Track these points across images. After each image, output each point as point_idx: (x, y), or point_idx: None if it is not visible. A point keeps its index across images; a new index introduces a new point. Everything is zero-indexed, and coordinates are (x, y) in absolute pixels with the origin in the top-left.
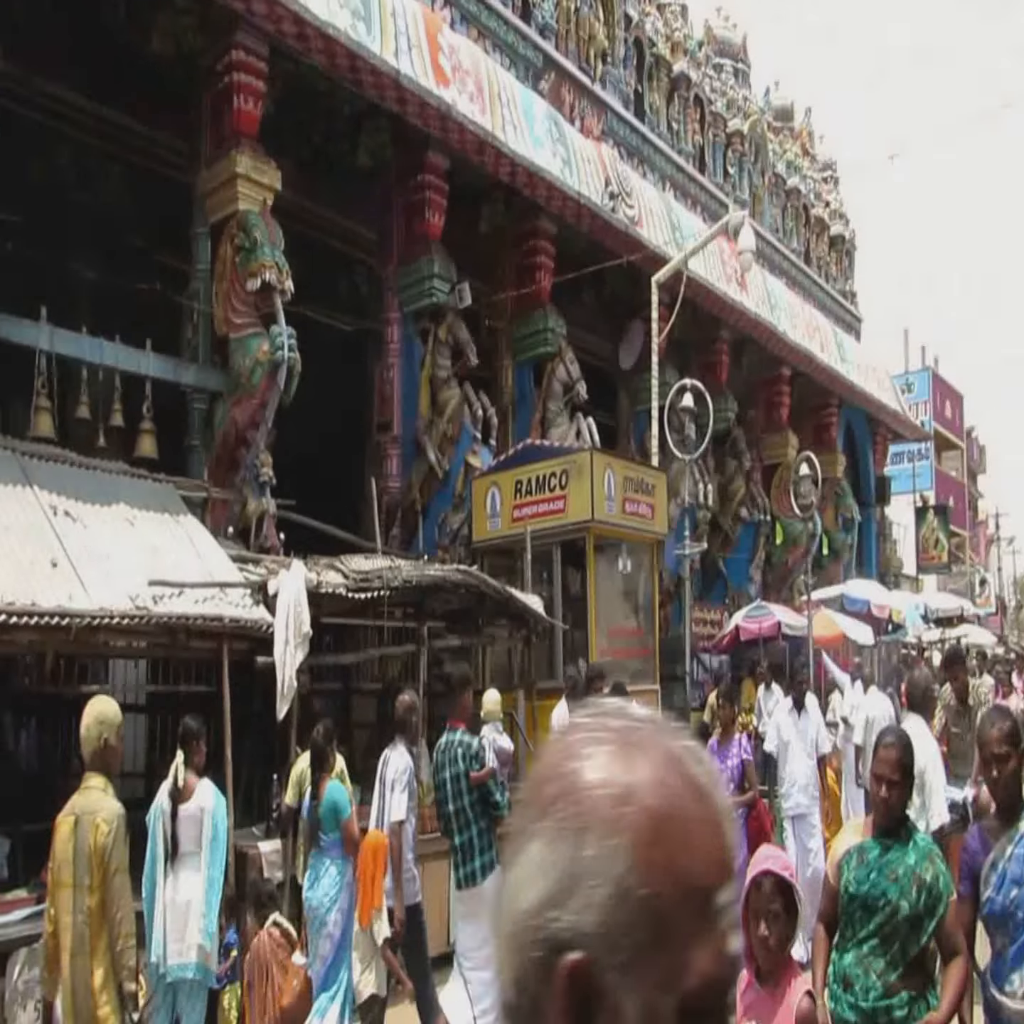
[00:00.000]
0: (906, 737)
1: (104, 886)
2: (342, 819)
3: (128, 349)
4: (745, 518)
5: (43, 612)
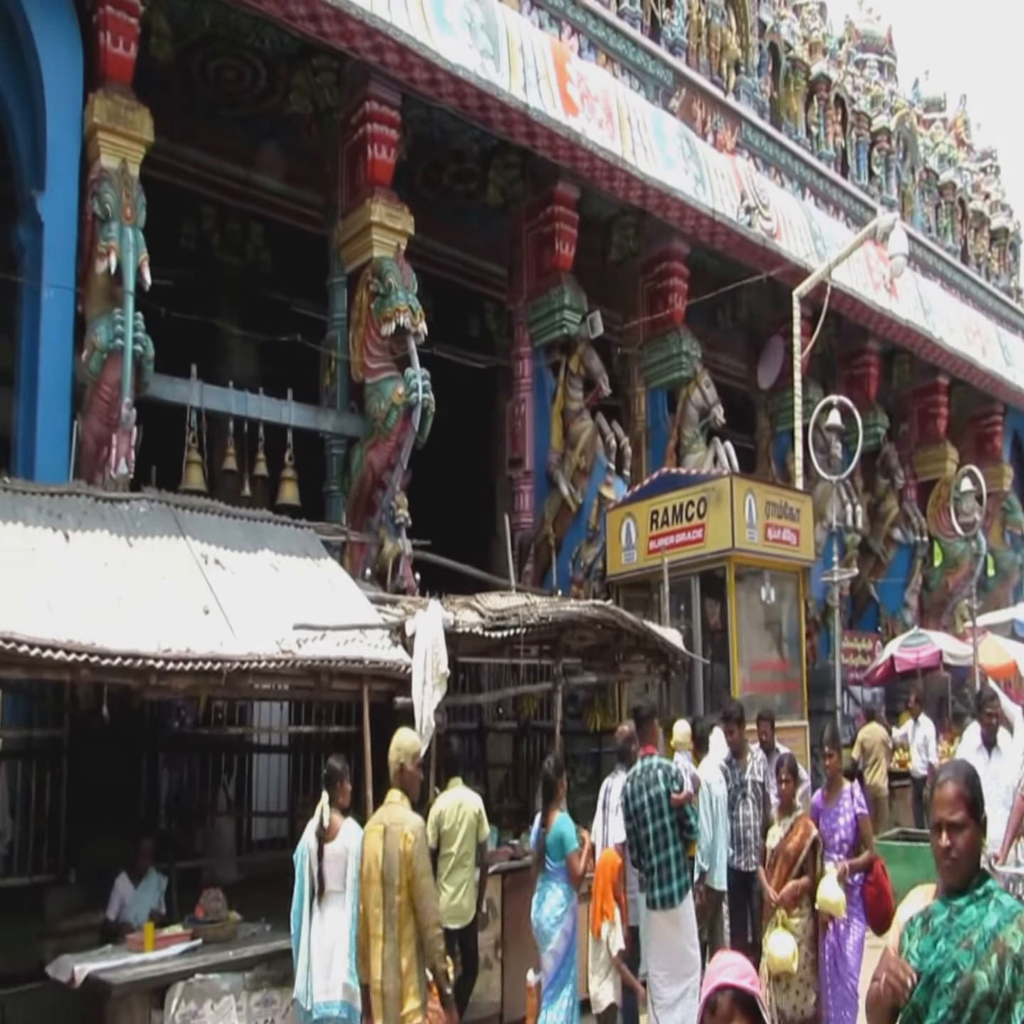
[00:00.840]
0: (967, 768)
1: (412, 886)
2: (567, 851)
3: (271, 400)
4: (899, 540)
5: (197, 658)
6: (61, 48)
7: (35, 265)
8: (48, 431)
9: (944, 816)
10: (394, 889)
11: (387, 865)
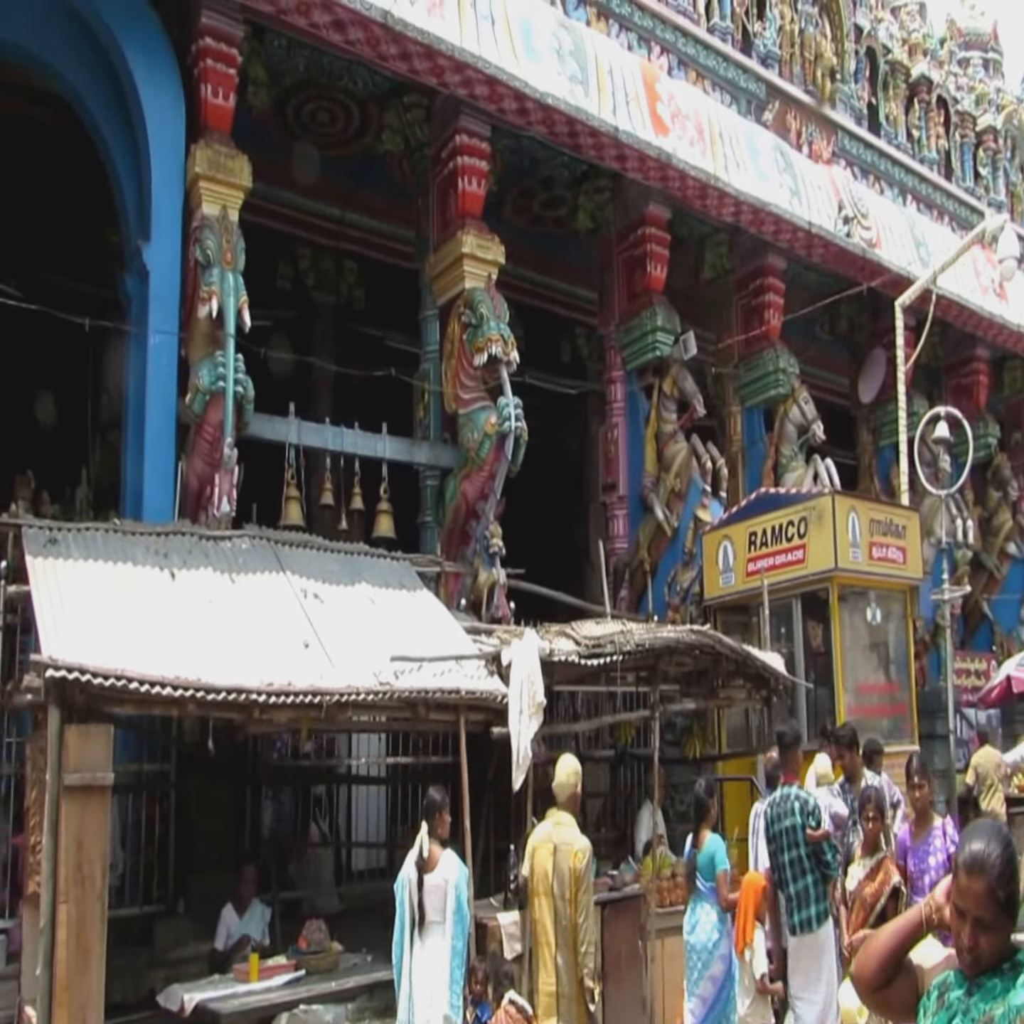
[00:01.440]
0: (1001, 847)
1: (575, 900)
2: (717, 870)
3: (366, 434)
4: (1014, 554)
5: (298, 691)
6: (164, 102)
7: (141, 312)
8: (154, 472)
9: (970, 909)
10: (565, 903)
11: (558, 880)
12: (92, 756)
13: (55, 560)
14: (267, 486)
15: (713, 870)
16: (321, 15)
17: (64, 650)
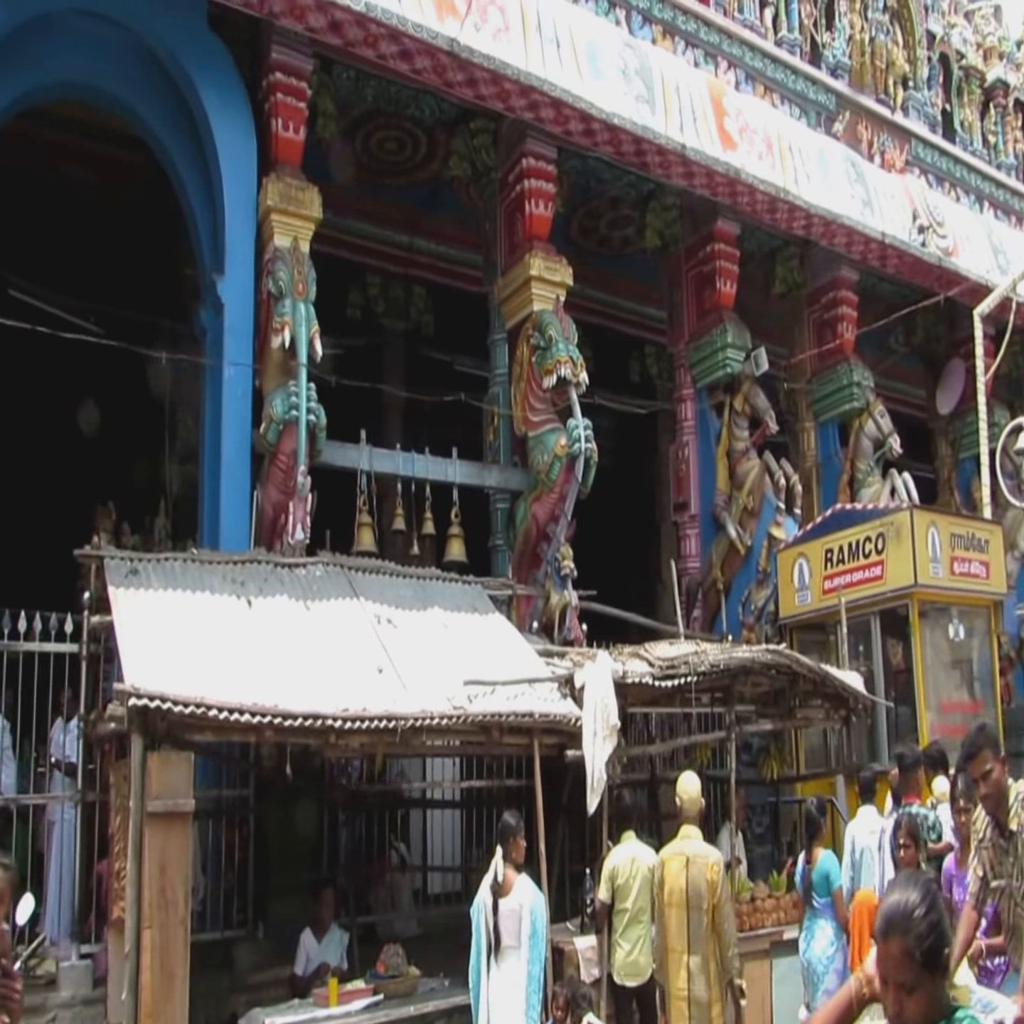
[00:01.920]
0: (922, 891)
1: (716, 909)
2: (833, 887)
3: (436, 459)
4: None
5: (373, 716)
6: (237, 138)
7: (216, 345)
8: (231, 502)
9: (889, 974)
10: (701, 912)
11: (693, 891)
12: (174, 783)
13: (136, 590)
14: (340, 512)
15: (828, 887)
16: (388, 46)
17: (146, 679)
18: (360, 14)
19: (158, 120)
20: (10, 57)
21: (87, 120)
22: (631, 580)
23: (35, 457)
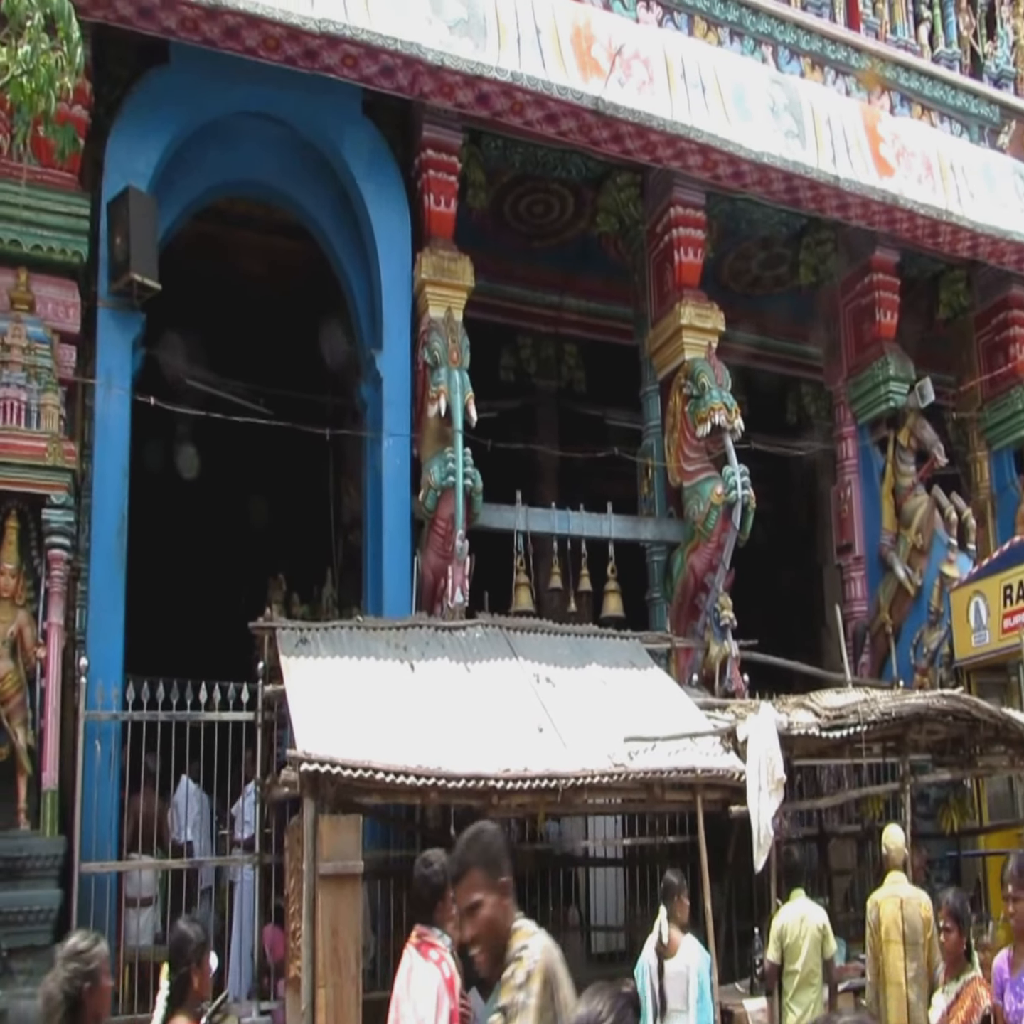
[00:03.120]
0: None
1: (930, 945)
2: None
3: (591, 515)
4: None
5: (534, 776)
6: (392, 218)
7: (376, 417)
8: (392, 568)
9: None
10: (918, 947)
11: (909, 928)
12: (344, 845)
13: (306, 658)
14: (497, 573)
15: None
16: (534, 111)
17: (317, 744)
18: (507, 84)
19: (318, 207)
20: (186, 162)
21: (251, 213)
22: (793, 627)
23: (211, 535)
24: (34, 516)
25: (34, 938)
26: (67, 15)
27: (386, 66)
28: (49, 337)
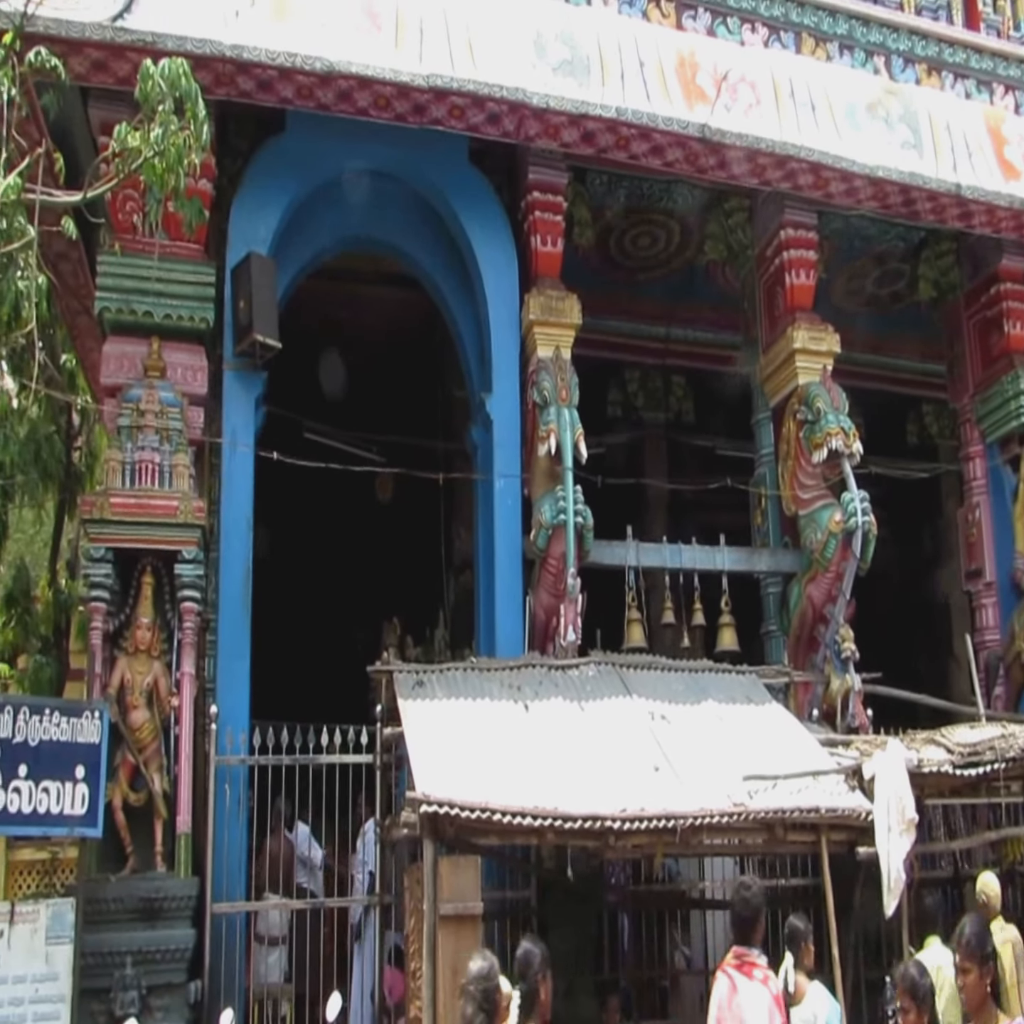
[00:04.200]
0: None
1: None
2: None
3: (703, 548)
4: None
5: (651, 816)
6: (499, 262)
7: (487, 459)
8: (505, 609)
9: None
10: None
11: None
12: (463, 886)
13: (423, 701)
14: (609, 610)
15: None
16: (639, 145)
17: (435, 786)
18: (611, 120)
19: (427, 256)
20: (302, 224)
21: (360, 268)
22: (919, 659)
23: (329, 582)
24: (167, 571)
25: (171, 976)
26: (194, 96)
27: (492, 113)
28: (179, 400)
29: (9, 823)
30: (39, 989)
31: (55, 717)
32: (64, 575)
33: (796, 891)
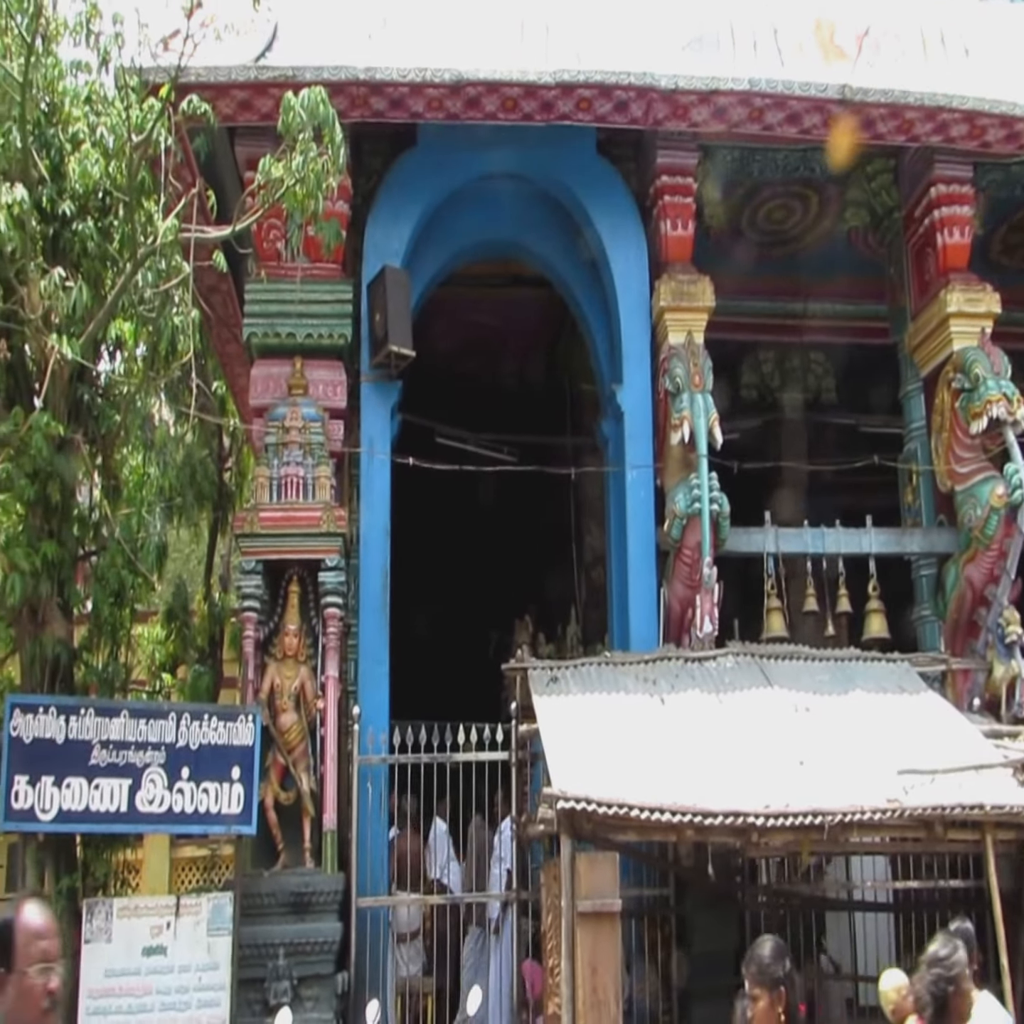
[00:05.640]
0: None
1: None
2: None
3: (848, 531)
4: None
5: (797, 812)
6: (629, 252)
7: (618, 452)
8: (638, 602)
9: None
10: None
11: None
12: (601, 883)
13: (557, 697)
14: (746, 600)
15: None
16: (774, 114)
17: (571, 782)
18: (744, 92)
19: (555, 253)
20: (432, 233)
21: (485, 272)
22: None
23: (461, 582)
24: (312, 579)
25: (319, 967)
26: (331, 122)
27: (620, 101)
28: (320, 415)
29: (175, 822)
30: (202, 978)
31: (213, 722)
32: (217, 589)
33: (956, 894)
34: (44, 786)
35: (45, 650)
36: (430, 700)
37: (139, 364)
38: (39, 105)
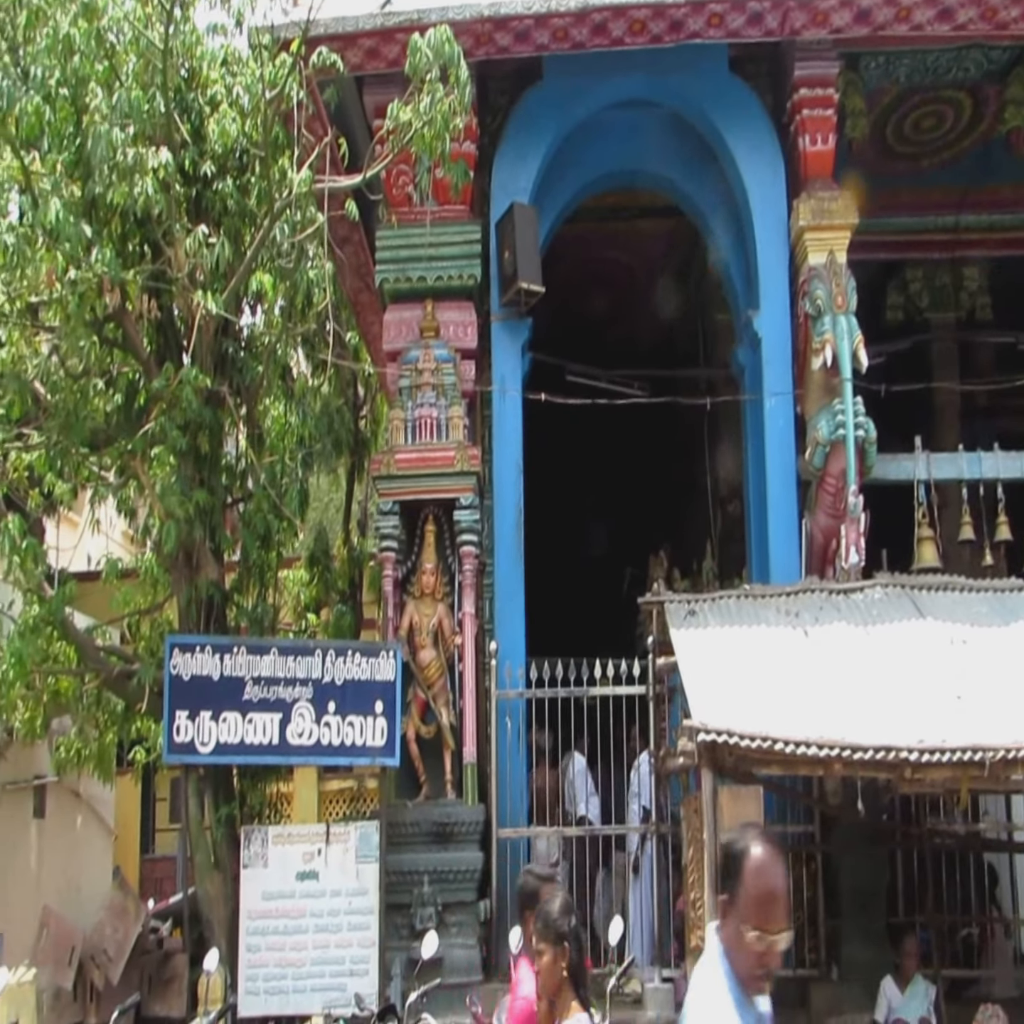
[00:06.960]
0: None
1: None
2: None
3: (1009, 455)
4: None
5: (956, 748)
6: (764, 171)
7: (754, 380)
8: (779, 534)
9: None
10: None
11: None
12: (744, 817)
13: (695, 630)
14: (894, 530)
15: None
16: (924, 12)
17: (712, 715)
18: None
19: (687, 179)
20: (560, 167)
21: (614, 204)
22: None
23: (595, 520)
24: (447, 519)
25: (462, 895)
26: (457, 60)
27: (753, 13)
28: (452, 356)
29: (322, 754)
30: (352, 902)
31: (356, 658)
32: (356, 534)
33: None
34: (202, 720)
35: (200, 593)
36: (565, 637)
37: (278, 317)
38: (179, 71)
